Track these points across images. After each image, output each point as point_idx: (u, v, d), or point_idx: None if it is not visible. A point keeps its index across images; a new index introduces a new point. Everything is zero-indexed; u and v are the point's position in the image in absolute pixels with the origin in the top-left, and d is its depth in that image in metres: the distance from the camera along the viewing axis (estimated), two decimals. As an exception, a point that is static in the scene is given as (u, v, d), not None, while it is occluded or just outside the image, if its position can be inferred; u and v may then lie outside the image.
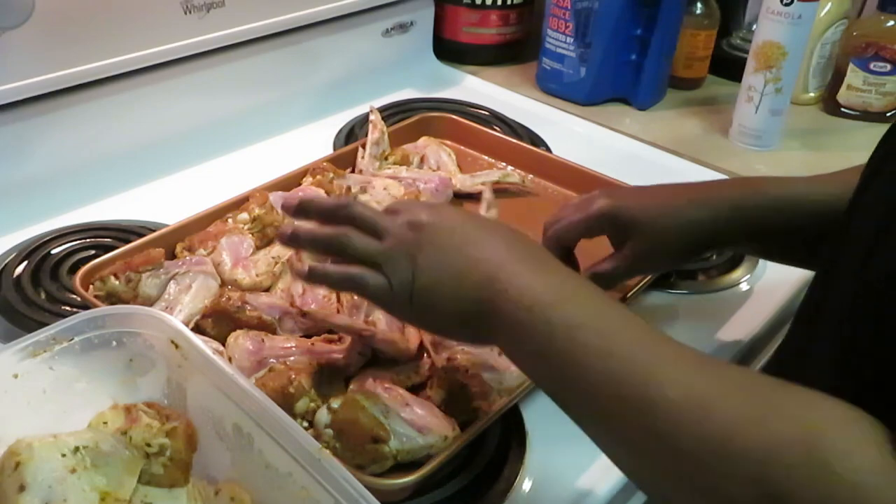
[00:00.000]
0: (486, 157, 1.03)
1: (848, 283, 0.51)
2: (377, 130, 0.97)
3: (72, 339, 0.58)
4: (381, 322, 0.70)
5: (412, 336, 0.70)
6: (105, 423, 0.56)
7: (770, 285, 0.87)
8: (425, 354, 0.70)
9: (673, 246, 0.69)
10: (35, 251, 0.83)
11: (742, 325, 0.81)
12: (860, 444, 0.39)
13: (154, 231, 0.80)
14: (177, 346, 0.58)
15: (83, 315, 0.59)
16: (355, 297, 0.73)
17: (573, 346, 0.48)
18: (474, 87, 1.27)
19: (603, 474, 0.64)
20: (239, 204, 0.84)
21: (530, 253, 0.55)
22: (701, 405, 0.43)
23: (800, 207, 0.67)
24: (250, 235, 0.80)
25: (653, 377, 0.45)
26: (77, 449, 0.51)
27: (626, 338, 0.48)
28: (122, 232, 0.87)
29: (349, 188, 0.81)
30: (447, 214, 0.58)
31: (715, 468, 0.41)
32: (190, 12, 0.96)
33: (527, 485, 0.63)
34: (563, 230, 0.72)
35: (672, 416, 0.43)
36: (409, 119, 1.05)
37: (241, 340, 0.68)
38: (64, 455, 0.51)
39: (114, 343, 0.59)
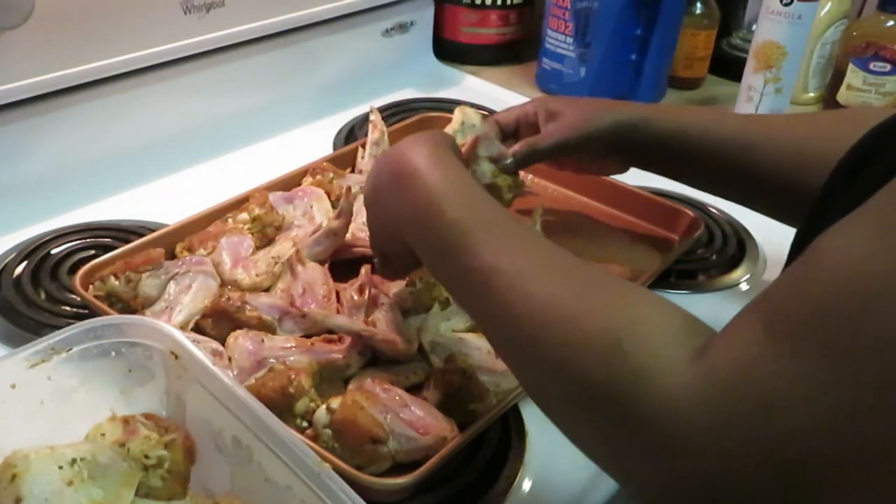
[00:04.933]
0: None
1: None
2: (377, 130, 0.97)
3: (70, 350, 0.57)
4: (381, 323, 0.70)
5: (411, 337, 0.70)
6: (103, 434, 0.55)
7: (770, 285, 0.86)
8: (424, 356, 0.70)
9: (603, 136, 0.76)
10: (35, 251, 0.83)
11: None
12: (662, 335, 0.41)
13: (154, 231, 0.80)
14: (176, 357, 0.58)
15: (82, 325, 0.58)
16: (355, 298, 0.73)
17: (456, 241, 0.53)
18: (474, 87, 1.27)
19: (603, 475, 0.64)
20: (239, 204, 0.84)
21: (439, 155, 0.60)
22: (541, 294, 0.47)
23: (687, 136, 0.74)
24: (250, 235, 0.80)
25: (503, 259, 0.49)
26: (74, 461, 0.51)
27: (494, 229, 0.53)
28: (122, 232, 0.87)
29: (349, 188, 0.81)
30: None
31: (539, 362, 0.46)
32: (190, 12, 0.96)
33: (527, 485, 0.63)
34: (498, 125, 0.81)
35: (511, 294, 0.47)
36: (409, 119, 1.05)
37: (241, 340, 0.68)
38: (61, 467, 0.50)
39: (113, 353, 0.58)
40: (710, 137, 0.73)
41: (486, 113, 0.87)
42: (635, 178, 0.89)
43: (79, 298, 0.73)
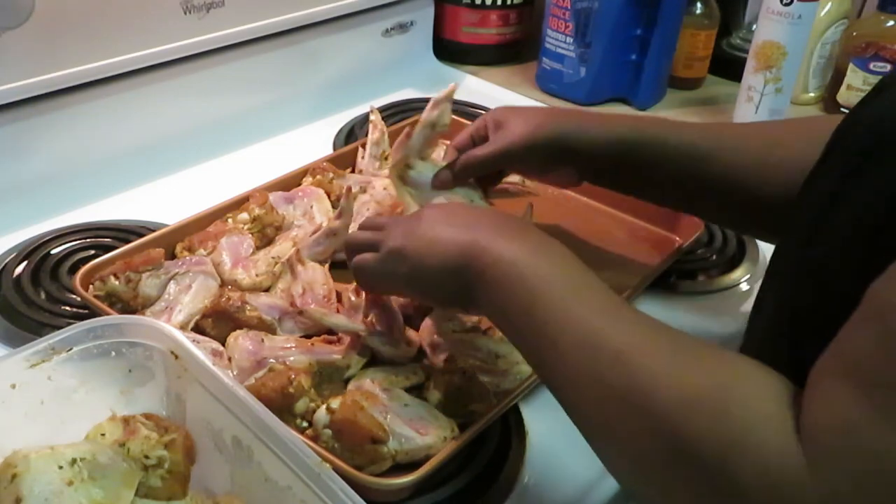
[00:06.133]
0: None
1: (788, 268, 0.52)
2: (377, 130, 0.97)
3: (70, 350, 0.57)
4: (380, 325, 0.70)
5: (411, 338, 0.70)
6: (103, 434, 0.55)
7: (770, 285, 0.87)
8: (424, 356, 0.70)
9: (541, 141, 0.74)
10: (35, 251, 0.83)
11: (742, 325, 0.81)
12: (756, 394, 0.42)
13: (154, 231, 0.80)
14: (176, 357, 0.58)
15: (82, 325, 0.58)
16: (353, 299, 0.73)
17: (540, 297, 0.51)
18: (474, 87, 1.27)
19: (603, 474, 0.64)
20: (239, 204, 0.84)
21: (505, 222, 0.59)
22: (632, 357, 0.46)
23: (657, 150, 0.72)
24: (250, 235, 0.80)
25: (599, 331, 0.48)
26: (74, 461, 0.51)
27: (582, 293, 0.51)
28: (122, 232, 0.87)
29: (349, 188, 0.81)
30: (429, 211, 0.63)
31: (636, 418, 0.44)
32: (190, 12, 0.96)
33: (527, 485, 0.63)
34: (457, 138, 0.80)
35: (608, 364, 0.46)
36: (409, 119, 1.05)
37: (241, 340, 0.68)
38: (61, 467, 0.50)
39: (113, 353, 0.59)
40: (658, 147, 0.71)
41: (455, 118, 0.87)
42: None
43: (79, 298, 0.73)
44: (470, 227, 0.58)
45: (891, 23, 1.15)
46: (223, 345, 0.69)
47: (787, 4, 1.05)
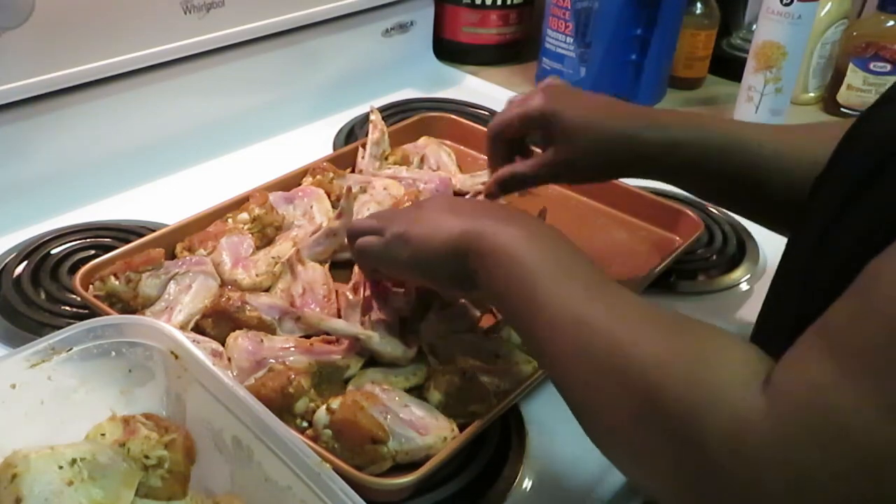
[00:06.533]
0: (486, 158, 1.03)
1: (804, 257, 0.52)
2: (377, 130, 0.97)
3: (70, 350, 0.57)
4: (379, 326, 0.70)
5: (409, 341, 0.70)
6: (103, 434, 0.55)
7: (770, 285, 0.87)
8: (424, 356, 0.70)
9: (594, 159, 0.72)
10: (35, 251, 0.83)
11: (742, 325, 0.81)
12: (729, 359, 0.43)
13: (154, 231, 0.80)
14: (176, 357, 0.58)
15: (82, 325, 0.58)
16: (350, 297, 0.72)
17: (532, 277, 0.53)
18: (474, 87, 1.27)
19: (603, 474, 0.64)
20: (239, 204, 0.84)
21: (506, 212, 0.61)
22: (615, 327, 0.48)
23: (737, 152, 0.69)
24: (250, 235, 0.80)
25: (586, 306, 0.50)
26: (74, 461, 0.51)
27: (572, 272, 0.53)
28: (122, 232, 0.87)
29: (349, 188, 0.81)
30: (431, 201, 0.66)
31: (614, 380, 0.46)
32: (190, 12, 0.96)
33: (527, 485, 0.63)
34: (501, 127, 0.76)
35: (592, 334, 0.48)
36: (409, 119, 1.05)
37: (241, 341, 0.68)
38: (61, 467, 0.50)
39: (113, 353, 0.59)
40: (751, 152, 0.70)
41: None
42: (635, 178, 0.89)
43: (79, 298, 0.73)
44: (472, 215, 0.60)
45: (891, 23, 1.15)
46: (223, 345, 0.69)
47: (787, 4, 1.05)
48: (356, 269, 0.75)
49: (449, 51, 1.34)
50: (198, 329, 0.71)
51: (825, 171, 0.53)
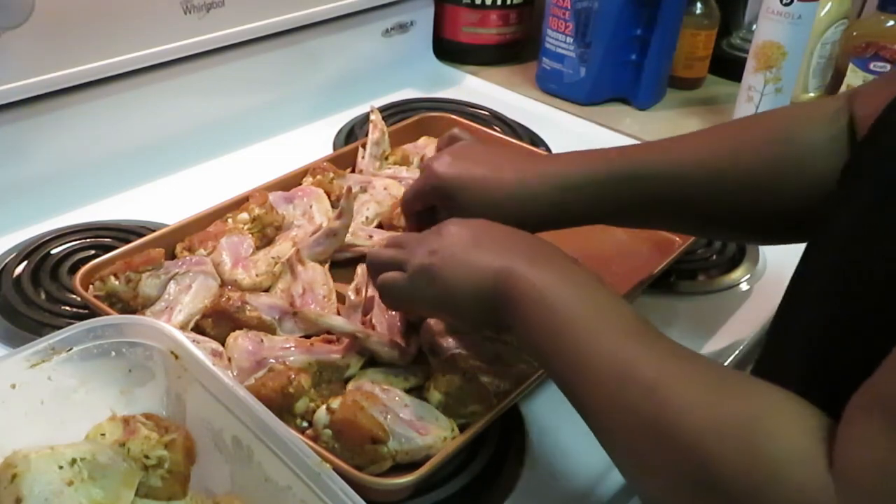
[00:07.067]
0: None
1: (828, 259, 0.51)
2: (377, 130, 0.97)
3: (70, 350, 0.57)
4: (380, 325, 0.70)
5: (409, 341, 0.70)
6: (103, 434, 0.55)
7: (770, 285, 0.87)
8: (424, 356, 0.70)
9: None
10: (35, 251, 0.83)
11: (742, 325, 0.81)
12: (788, 427, 0.41)
13: (154, 231, 0.80)
14: (176, 357, 0.58)
15: (82, 325, 0.58)
16: (352, 298, 0.72)
17: (572, 327, 0.51)
18: (474, 87, 1.27)
19: (603, 474, 0.64)
20: (239, 204, 0.84)
21: (537, 247, 0.58)
22: (661, 387, 0.45)
23: (654, 181, 0.67)
24: (250, 235, 0.80)
25: (628, 360, 0.48)
26: (74, 461, 0.51)
27: (613, 322, 0.51)
28: (122, 232, 0.87)
29: (349, 188, 0.80)
30: (454, 229, 0.61)
31: (665, 448, 0.44)
32: (190, 12, 0.96)
33: (527, 485, 0.63)
34: (408, 204, 0.75)
35: (639, 394, 0.46)
36: (409, 119, 1.05)
37: (241, 340, 0.68)
38: (61, 467, 0.50)
39: (113, 353, 0.58)
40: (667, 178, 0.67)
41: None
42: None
43: (79, 298, 0.73)
44: (502, 251, 0.57)
45: (891, 23, 1.15)
46: (223, 345, 0.69)
47: (787, 4, 1.05)
48: (359, 270, 0.75)
49: (449, 51, 1.34)
50: (198, 329, 0.71)
51: (851, 172, 0.52)
